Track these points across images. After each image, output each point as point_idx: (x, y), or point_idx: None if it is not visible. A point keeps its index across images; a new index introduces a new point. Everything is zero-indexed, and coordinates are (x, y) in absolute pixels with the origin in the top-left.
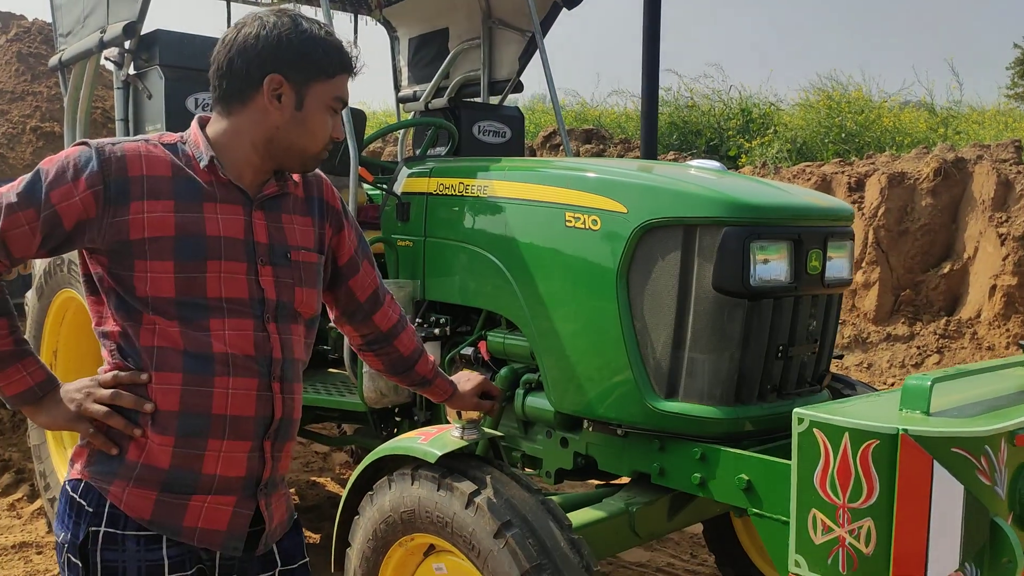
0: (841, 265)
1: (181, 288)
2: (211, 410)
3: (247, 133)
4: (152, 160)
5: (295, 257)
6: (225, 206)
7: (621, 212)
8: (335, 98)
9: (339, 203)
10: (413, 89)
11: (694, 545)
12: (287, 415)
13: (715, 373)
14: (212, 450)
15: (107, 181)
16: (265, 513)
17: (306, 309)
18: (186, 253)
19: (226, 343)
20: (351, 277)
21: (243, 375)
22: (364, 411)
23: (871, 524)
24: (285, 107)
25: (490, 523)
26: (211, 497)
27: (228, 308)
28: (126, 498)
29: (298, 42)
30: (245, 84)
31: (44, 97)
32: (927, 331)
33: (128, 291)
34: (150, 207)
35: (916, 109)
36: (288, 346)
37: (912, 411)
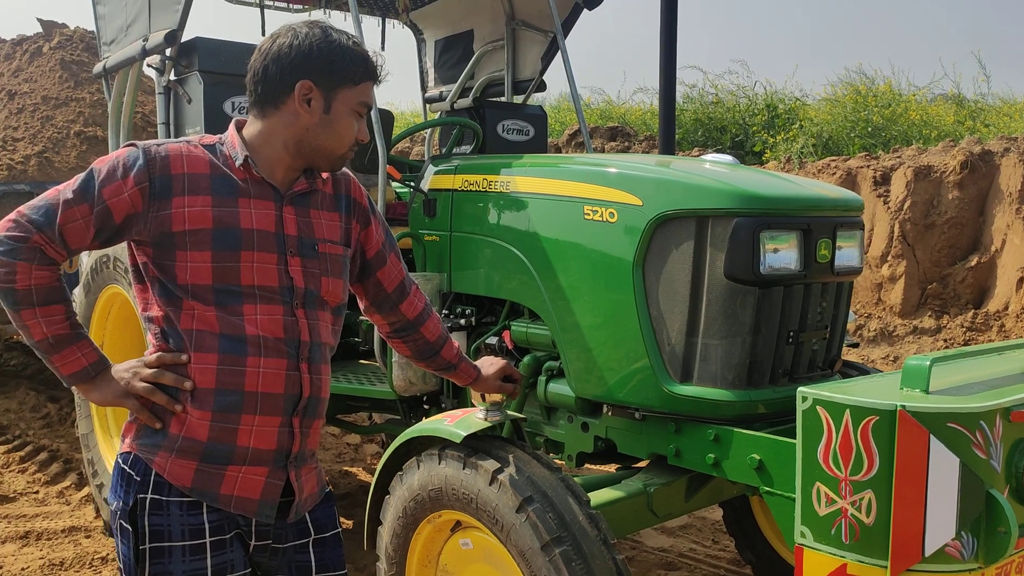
0: (851, 254)
1: (218, 276)
2: (244, 387)
3: (279, 134)
4: (192, 159)
5: (322, 249)
6: (258, 201)
7: (637, 205)
8: (360, 103)
9: (366, 200)
10: (439, 90)
11: (716, 531)
12: (314, 394)
13: (727, 358)
14: (245, 424)
15: (152, 179)
16: (295, 484)
17: (332, 297)
18: (222, 244)
19: (258, 326)
20: (379, 269)
21: (273, 356)
22: (394, 399)
23: (872, 496)
24: (314, 111)
25: (512, 498)
26: (245, 468)
27: (260, 295)
28: (169, 467)
29: (327, 51)
30: (278, 89)
31: (87, 103)
32: (954, 324)
33: (170, 279)
34: (190, 202)
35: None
36: (315, 330)
37: (912, 389)
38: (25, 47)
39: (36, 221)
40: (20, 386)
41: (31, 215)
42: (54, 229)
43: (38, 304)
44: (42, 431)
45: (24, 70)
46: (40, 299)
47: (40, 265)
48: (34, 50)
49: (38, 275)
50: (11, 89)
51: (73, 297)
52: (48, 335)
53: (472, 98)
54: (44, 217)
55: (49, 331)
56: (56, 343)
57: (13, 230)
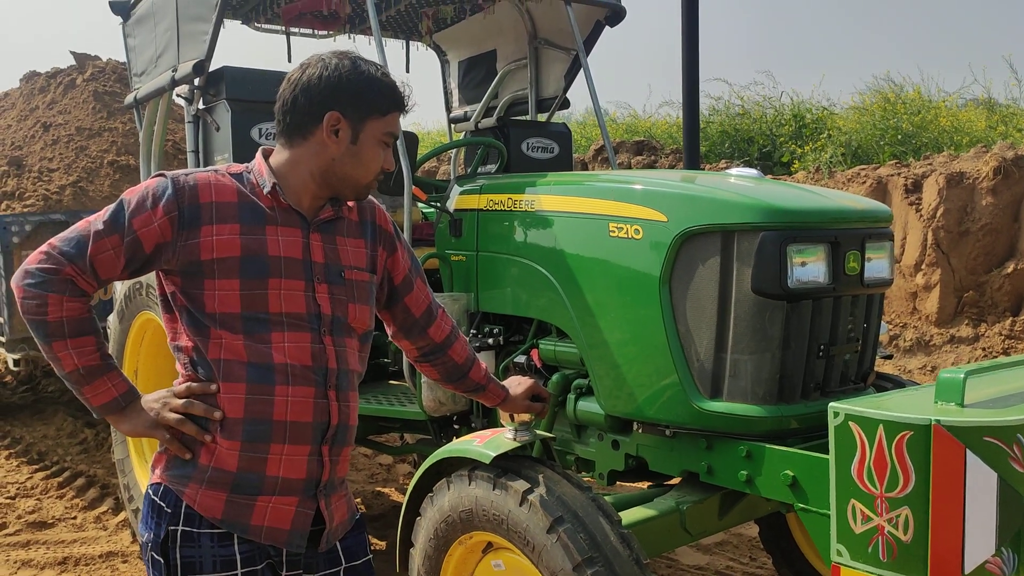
0: (881, 266)
1: (246, 304)
2: (272, 416)
3: (306, 163)
4: (220, 188)
5: (349, 276)
6: (285, 229)
7: (662, 221)
8: (387, 133)
9: (391, 226)
10: (463, 110)
11: (752, 548)
12: (343, 421)
13: (757, 373)
14: (275, 454)
15: (181, 208)
16: (325, 513)
17: (359, 324)
18: (250, 272)
19: (286, 354)
20: (406, 295)
21: (301, 384)
22: (424, 420)
23: (908, 512)
24: (342, 141)
25: (543, 519)
26: (275, 498)
27: (288, 322)
28: (199, 499)
29: (356, 83)
30: (307, 119)
31: (120, 132)
32: (992, 332)
33: (199, 308)
34: (219, 230)
35: (975, 107)
36: (343, 357)
37: (946, 403)
38: (59, 79)
39: (67, 253)
40: (58, 412)
41: (62, 247)
42: (85, 260)
43: (69, 336)
44: (79, 456)
45: (58, 102)
46: (71, 331)
47: (71, 296)
48: (68, 82)
49: (69, 307)
50: (46, 121)
51: (107, 324)
52: (79, 366)
53: (496, 117)
54: (75, 248)
55: (80, 362)
56: (87, 374)
57: (45, 262)
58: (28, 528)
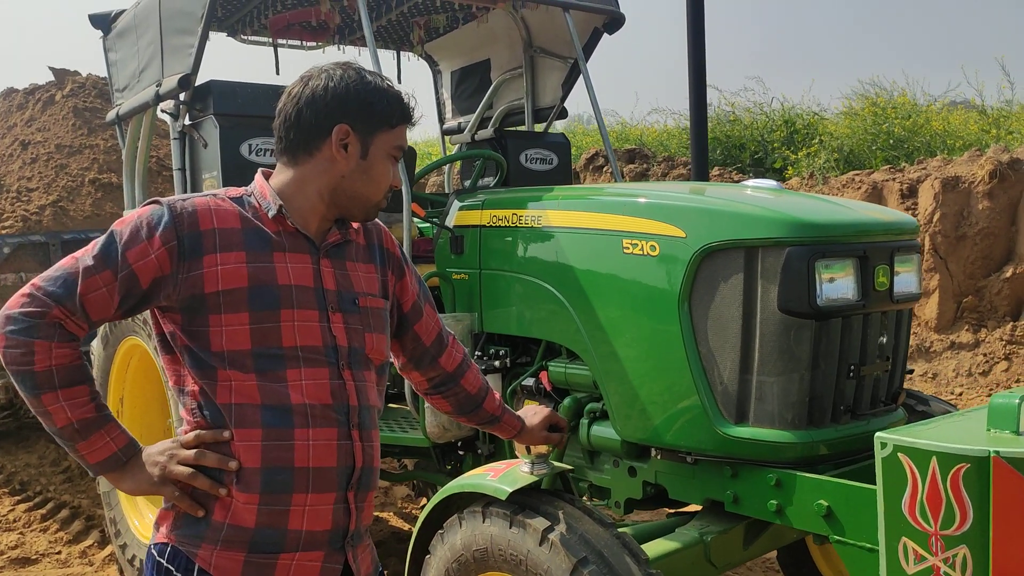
0: (909, 280)
1: (257, 339)
2: (294, 463)
3: (313, 182)
4: (222, 213)
5: (363, 303)
6: (294, 255)
7: (680, 237)
8: (396, 147)
9: (398, 250)
10: (457, 121)
11: (768, 570)
12: (367, 463)
13: (785, 396)
14: (297, 505)
15: (180, 236)
16: (353, 566)
17: (376, 355)
18: (260, 303)
19: (304, 393)
20: (416, 322)
21: (322, 425)
22: (427, 446)
23: (966, 552)
24: (351, 156)
25: (566, 560)
26: (299, 554)
27: (304, 357)
28: (215, 561)
29: (364, 94)
30: (313, 134)
31: (101, 149)
32: (992, 337)
33: (203, 347)
34: (223, 259)
35: (965, 110)
36: (363, 392)
37: (1001, 431)
38: (38, 96)
39: (54, 294)
40: (40, 439)
41: (48, 287)
42: (75, 300)
43: (60, 386)
44: (63, 486)
45: (37, 119)
46: (62, 380)
47: (61, 342)
48: (47, 99)
49: (59, 354)
50: (24, 139)
51: (91, 350)
52: (72, 420)
53: (492, 128)
54: (63, 288)
55: (73, 415)
56: (82, 429)
57: (29, 305)
58: (11, 565)
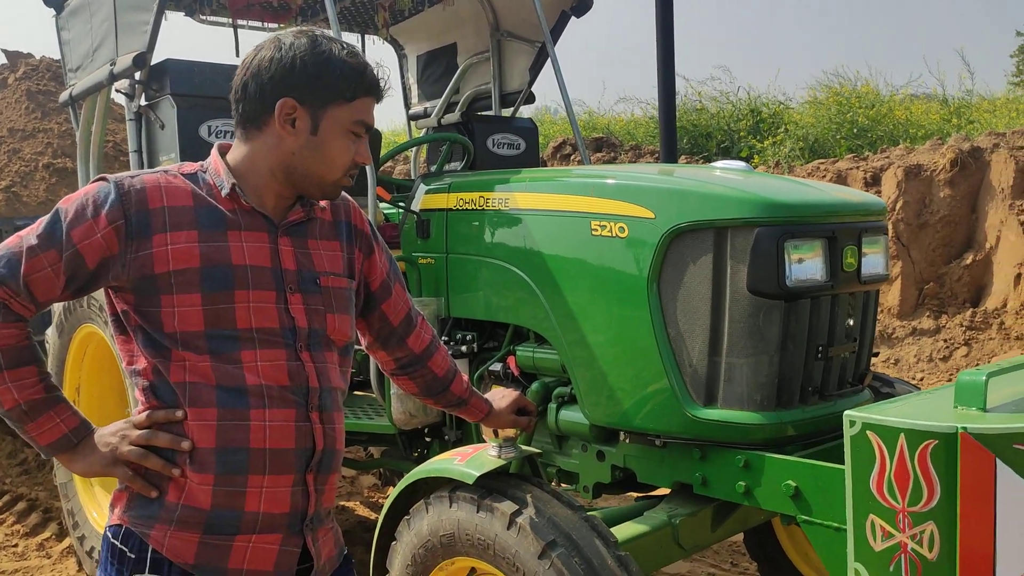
0: (876, 261)
1: (210, 320)
2: (249, 444)
3: (264, 159)
4: (172, 191)
5: (324, 283)
6: (250, 234)
7: (649, 218)
8: (355, 122)
9: (368, 227)
10: (424, 106)
11: (734, 554)
12: (329, 446)
13: (755, 377)
14: (253, 486)
15: (128, 215)
16: (312, 549)
17: (339, 336)
18: (213, 284)
19: (259, 374)
20: (384, 301)
21: (279, 406)
22: (393, 433)
23: (934, 528)
24: (300, 132)
25: (534, 543)
26: (256, 536)
27: (259, 338)
28: (168, 542)
29: (313, 64)
30: (260, 108)
31: (55, 134)
32: (953, 323)
33: (156, 327)
34: (173, 239)
35: (926, 101)
36: (324, 374)
37: (968, 408)
38: None
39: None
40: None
41: None
42: (19, 282)
43: (6, 367)
44: (20, 479)
45: None
46: (8, 361)
47: (5, 323)
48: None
49: (4, 334)
50: None
51: (46, 338)
52: (20, 402)
53: (459, 113)
54: (6, 268)
55: (21, 397)
56: (30, 410)
57: None
58: None
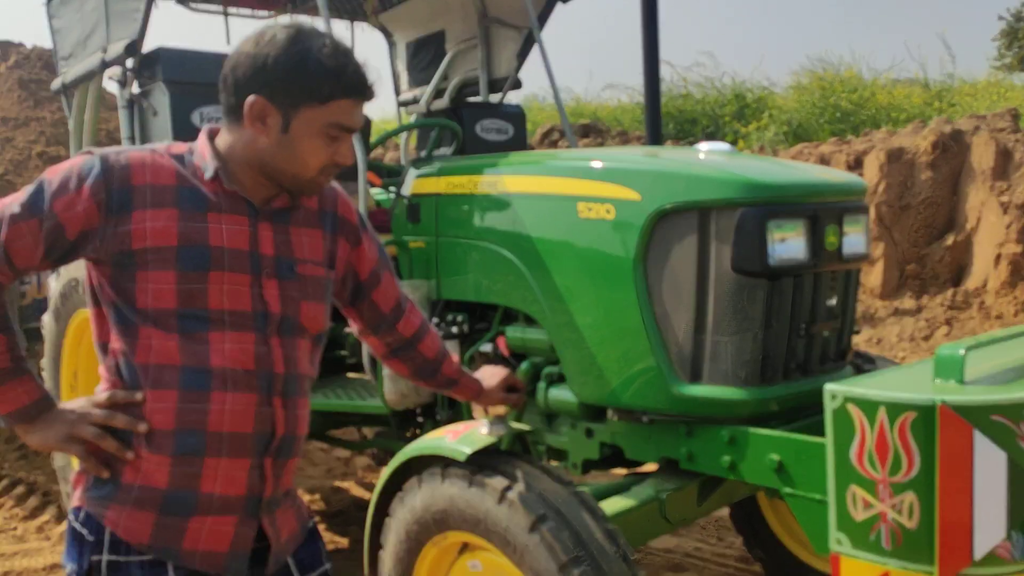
0: (857, 240)
1: (183, 299)
2: (207, 427)
3: (242, 151)
4: (157, 169)
5: (301, 271)
6: (230, 217)
7: (635, 200)
8: (331, 124)
9: (356, 216)
10: (413, 92)
11: (720, 528)
12: (290, 431)
13: (739, 355)
14: (209, 468)
15: (110, 190)
16: (270, 531)
17: (312, 324)
18: (188, 263)
19: (225, 356)
20: (373, 290)
21: (241, 390)
22: (386, 414)
23: (913, 498)
24: (270, 130)
25: (524, 517)
26: (211, 518)
27: (230, 321)
28: (123, 522)
29: (285, 63)
30: (235, 103)
31: (48, 122)
32: (934, 303)
33: (129, 303)
34: (153, 216)
35: (909, 85)
36: (292, 361)
37: (947, 380)
38: None
39: None
40: None
41: None
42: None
43: None
44: (18, 463)
45: None
46: None
47: None
48: None
49: None
50: None
51: (43, 324)
52: None
53: (448, 99)
54: None
55: None
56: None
57: None
58: None
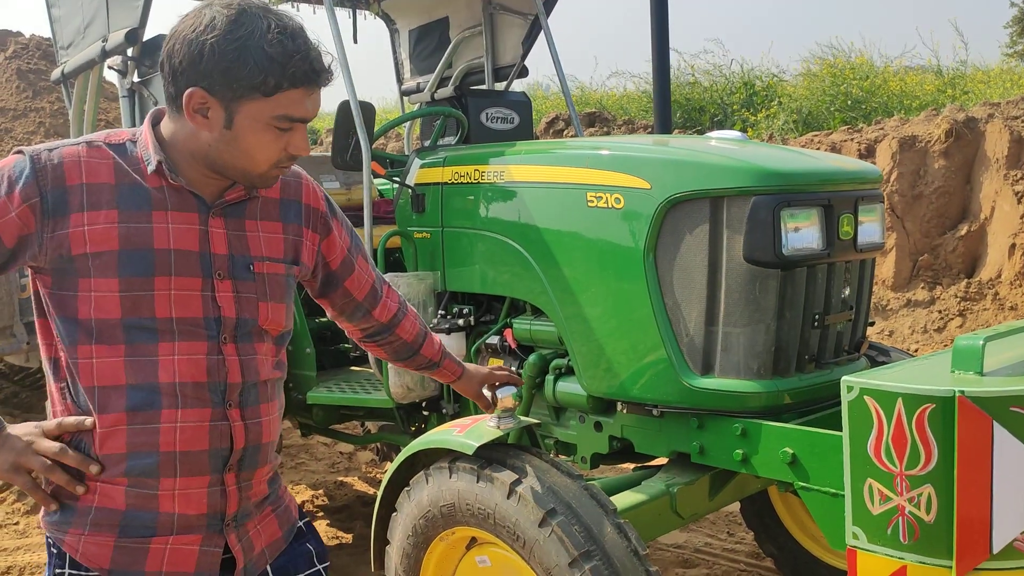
0: (873, 229)
1: (127, 308)
2: (159, 447)
3: (185, 143)
4: (92, 165)
5: (259, 269)
6: (177, 214)
7: (645, 188)
8: (278, 117)
9: (323, 203)
10: (416, 81)
11: (730, 523)
12: (251, 442)
13: (751, 346)
14: (166, 489)
15: (43, 192)
16: (236, 547)
17: (273, 326)
18: (131, 269)
19: (175, 371)
20: (347, 278)
21: (193, 405)
22: (391, 408)
23: (931, 491)
24: (213, 123)
25: (534, 512)
26: (173, 538)
27: (179, 330)
28: (82, 548)
29: (224, 52)
30: (175, 92)
31: (47, 112)
32: (948, 295)
33: (71, 314)
34: (91, 219)
35: (921, 72)
36: (249, 368)
37: (965, 372)
38: None
39: None
40: None
41: None
42: None
43: None
44: None
45: None
46: None
47: None
48: None
49: None
50: None
51: None
52: None
53: (453, 87)
54: None
55: None
56: None
57: None
58: None
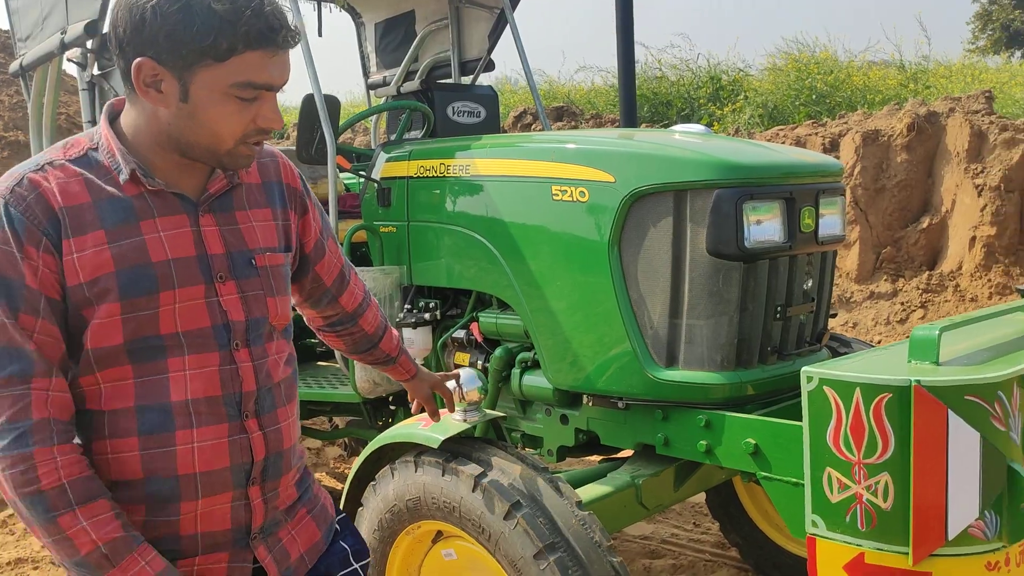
0: (834, 222)
1: (130, 331)
2: (177, 471)
3: (146, 128)
4: (63, 187)
5: (261, 262)
6: (166, 220)
7: (609, 182)
8: (237, 85)
9: (299, 183)
10: (382, 75)
11: (696, 514)
12: (273, 451)
13: (715, 338)
14: (187, 512)
15: (43, 228)
16: (267, 558)
17: (281, 320)
18: (134, 289)
19: (186, 388)
20: (318, 262)
21: (209, 422)
22: (358, 402)
23: (888, 479)
24: (168, 98)
25: (499, 505)
26: (200, 558)
27: (188, 343)
28: None
29: (164, 14)
30: (125, 66)
31: (6, 106)
32: (910, 287)
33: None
34: (78, 245)
35: (884, 67)
36: (264, 371)
37: (922, 362)
38: None
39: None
40: None
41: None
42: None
43: (78, 503)
44: None
45: None
46: (79, 495)
47: (61, 444)
48: None
49: (65, 461)
50: None
51: None
52: (99, 543)
53: (419, 81)
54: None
55: (100, 537)
56: (112, 553)
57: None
58: None
